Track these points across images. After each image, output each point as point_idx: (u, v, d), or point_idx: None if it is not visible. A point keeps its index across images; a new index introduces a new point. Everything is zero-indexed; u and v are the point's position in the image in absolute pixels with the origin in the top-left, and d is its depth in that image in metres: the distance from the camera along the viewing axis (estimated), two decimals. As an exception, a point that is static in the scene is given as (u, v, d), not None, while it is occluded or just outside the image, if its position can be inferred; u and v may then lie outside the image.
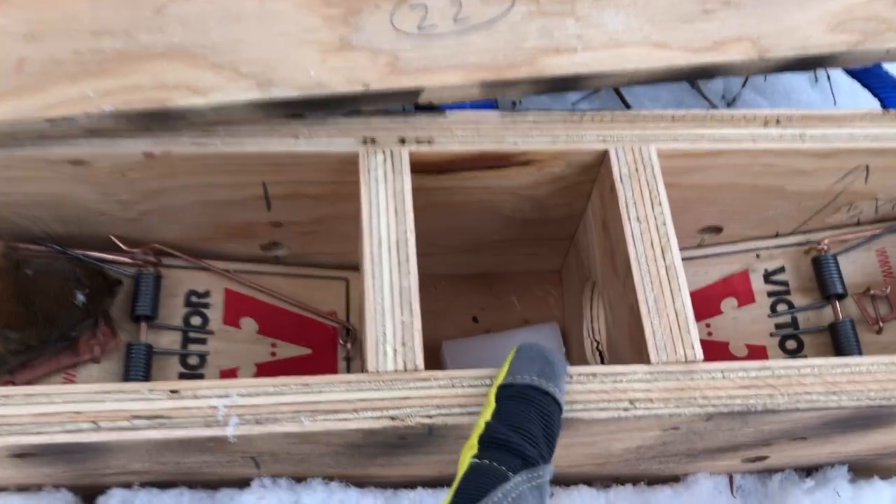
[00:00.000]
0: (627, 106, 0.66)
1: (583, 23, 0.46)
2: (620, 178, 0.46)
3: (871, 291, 0.54)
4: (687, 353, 0.41)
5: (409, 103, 0.46)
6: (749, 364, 0.41)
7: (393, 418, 0.38)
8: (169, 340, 0.52)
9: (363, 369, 0.40)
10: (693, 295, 0.57)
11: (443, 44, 0.45)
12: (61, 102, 0.41)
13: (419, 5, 0.44)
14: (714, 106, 0.67)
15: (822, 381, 0.41)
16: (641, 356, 0.42)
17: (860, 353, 0.52)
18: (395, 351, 0.40)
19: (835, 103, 0.66)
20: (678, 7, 0.47)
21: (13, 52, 0.40)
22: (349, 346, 0.54)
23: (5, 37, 0.41)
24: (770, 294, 0.56)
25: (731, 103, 0.68)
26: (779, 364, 0.41)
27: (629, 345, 0.45)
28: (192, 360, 0.52)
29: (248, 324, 0.54)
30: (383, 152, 0.46)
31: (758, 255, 0.57)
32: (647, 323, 0.42)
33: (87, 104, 0.41)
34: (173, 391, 0.39)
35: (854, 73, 0.53)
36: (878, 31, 0.49)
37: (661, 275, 0.43)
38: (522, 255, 0.58)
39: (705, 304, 0.56)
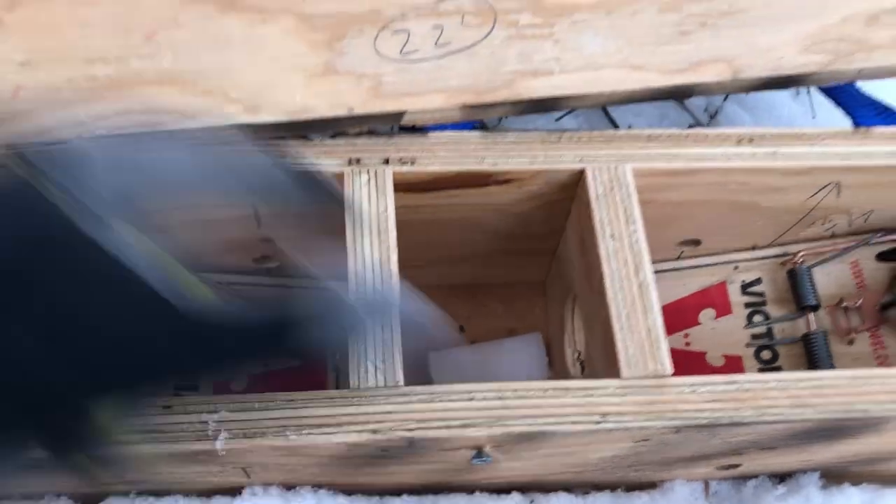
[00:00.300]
0: (611, 120, 0.67)
1: (561, 46, 0.48)
2: (596, 196, 0.48)
3: (844, 303, 0.55)
4: (657, 368, 0.43)
5: (393, 125, 0.48)
6: (716, 378, 0.43)
7: (374, 432, 0.40)
8: (164, 352, 0.54)
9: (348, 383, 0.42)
10: (672, 306, 0.59)
11: (424, 68, 0.46)
12: (56, 127, 0.42)
13: (402, 30, 0.45)
14: (697, 119, 0.69)
15: (788, 395, 0.43)
16: (614, 371, 0.44)
17: (832, 363, 0.54)
18: (375, 367, 0.42)
19: (814, 116, 0.67)
20: (655, 29, 0.49)
21: (10, 80, 0.42)
22: (338, 356, 0.56)
23: (3, 65, 0.42)
24: (747, 305, 0.58)
25: (713, 116, 0.70)
26: (745, 378, 0.43)
27: (603, 358, 0.47)
28: (187, 371, 0.54)
29: (241, 335, 0.56)
30: (367, 172, 0.47)
31: (736, 267, 0.58)
32: (618, 338, 0.44)
33: (80, 128, 0.43)
34: (166, 406, 0.41)
35: (827, 91, 0.54)
36: (850, 52, 0.50)
37: (634, 292, 0.45)
38: (507, 267, 0.60)
39: (684, 314, 0.58)
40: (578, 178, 0.49)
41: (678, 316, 0.58)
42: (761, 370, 0.56)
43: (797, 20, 0.50)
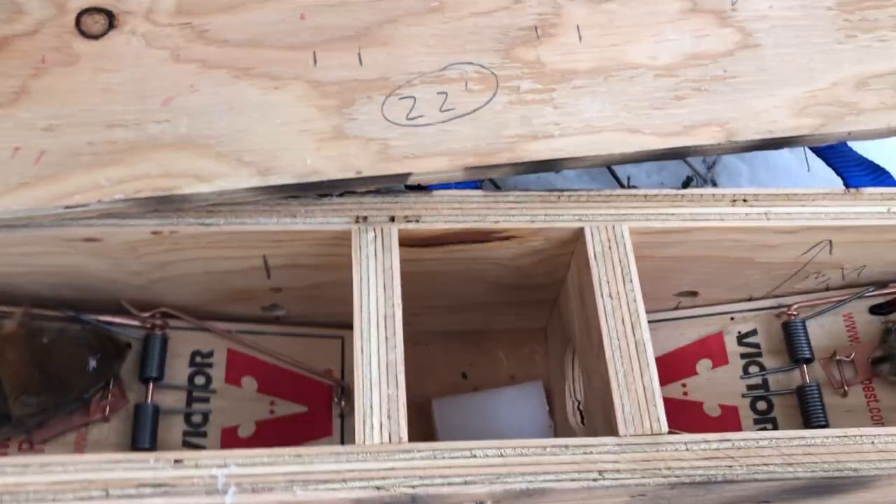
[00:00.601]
0: (611, 170, 0.69)
1: (560, 110, 0.50)
2: (594, 255, 0.49)
3: (837, 356, 0.57)
4: (653, 425, 0.44)
5: (399, 185, 0.50)
6: (710, 436, 0.44)
7: (378, 488, 0.42)
8: (174, 399, 0.56)
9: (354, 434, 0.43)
10: (670, 355, 0.60)
11: (429, 132, 0.48)
12: (76, 191, 0.44)
13: (408, 97, 0.47)
14: (695, 170, 0.71)
15: (780, 454, 0.44)
16: (611, 426, 0.45)
17: (825, 416, 0.55)
18: (381, 424, 0.43)
19: (808, 169, 0.69)
20: (651, 94, 0.51)
21: (34, 146, 0.44)
22: (343, 403, 0.57)
23: (28, 131, 0.44)
24: (743, 356, 0.59)
25: (711, 167, 0.71)
26: (738, 436, 0.44)
27: (601, 413, 0.48)
28: (196, 419, 0.55)
29: (249, 382, 0.57)
30: (374, 230, 0.49)
31: (732, 318, 0.60)
32: (616, 396, 0.45)
33: (100, 192, 0.44)
34: (177, 461, 0.42)
35: (819, 152, 0.56)
36: (840, 115, 0.52)
37: (631, 350, 0.46)
38: (509, 315, 0.62)
39: (682, 364, 0.59)
40: (578, 235, 0.51)
41: (676, 365, 0.60)
42: (757, 421, 0.57)
43: (789, 85, 0.52)
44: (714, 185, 0.70)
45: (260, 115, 0.46)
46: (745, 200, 0.52)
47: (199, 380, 0.56)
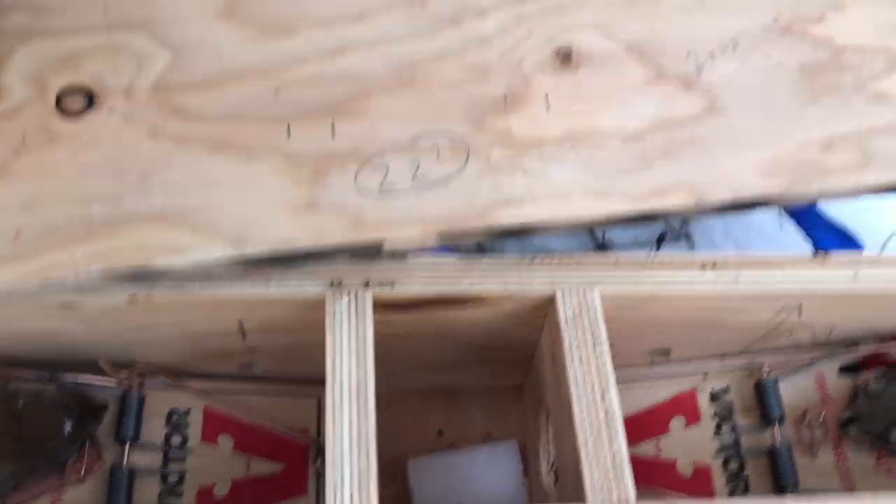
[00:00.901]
0: (591, 230, 0.70)
1: (530, 177, 0.50)
2: (566, 320, 0.50)
3: (808, 417, 0.57)
4: (621, 494, 0.45)
5: (372, 253, 0.51)
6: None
7: (347, 560, 0.42)
8: (150, 458, 0.56)
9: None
10: (644, 413, 0.61)
11: (402, 201, 0.49)
12: (53, 266, 0.45)
13: (381, 165, 0.48)
14: (669, 225, 0.72)
15: (746, 523, 0.44)
16: (580, 494, 0.46)
17: (796, 476, 0.56)
18: (351, 495, 0.43)
19: (780, 226, 0.70)
20: (619, 159, 0.51)
21: (12, 223, 0.44)
22: (319, 462, 0.58)
23: (6, 209, 0.45)
24: (715, 414, 0.60)
25: (685, 222, 0.72)
26: (705, 506, 0.45)
27: (572, 478, 0.48)
28: (172, 478, 0.55)
29: (225, 441, 0.58)
30: (348, 295, 0.50)
31: (705, 376, 0.60)
32: (584, 463, 0.46)
33: (76, 266, 0.45)
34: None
35: (790, 214, 0.57)
36: (807, 176, 0.52)
37: (601, 418, 0.47)
38: (484, 373, 0.62)
39: (655, 422, 0.60)
40: (550, 299, 0.52)
41: (650, 423, 0.60)
42: (729, 481, 0.58)
43: (756, 147, 0.53)
44: (688, 238, 0.71)
45: (234, 187, 0.47)
46: (714, 266, 0.53)
47: (176, 439, 0.57)
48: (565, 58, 0.51)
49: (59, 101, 0.46)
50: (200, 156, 0.46)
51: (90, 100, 0.45)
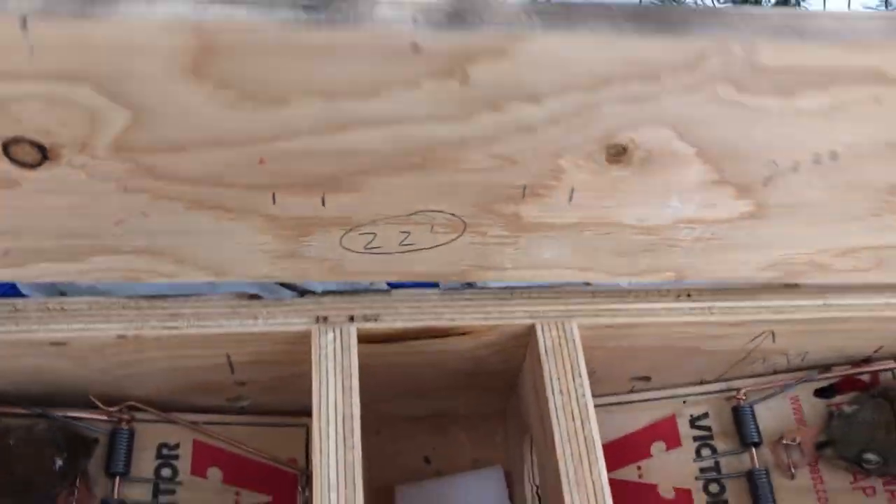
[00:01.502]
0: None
1: (520, 251, 0.48)
2: (545, 351, 0.51)
3: (784, 441, 0.59)
4: (602, 522, 0.46)
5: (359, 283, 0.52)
6: (656, 532, 0.46)
7: (334, 591, 0.43)
8: (141, 492, 0.57)
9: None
10: (626, 439, 0.62)
11: (385, 258, 0.49)
12: (45, 274, 0.46)
13: (368, 233, 0.48)
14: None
15: (722, 548, 0.46)
16: (563, 523, 0.47)
17: (774, 498, 0.57)
18: (337, 521, 0.45)
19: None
20: (619, 246, 0.48)
21: (-2, 246, 0.44)
22: (307, 493, 0.59)
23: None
24: (695, 438, 0.61)
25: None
26: (683, 531, 0.46)
27: (555, 506, 0.50)
28: (162, 511, 0.56)
29: (215, 473, 0.58)
30: (333, 330, 0.51)
31: (684, 401, 0.62)
32: (566, 492, 0.47)
33: (68, 277, 0.46)
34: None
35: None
36: (805, 272, 0.51)
37: (581, 448, 0.48)
38: (469, 400, 0.63)
39: (637, 447, 0.61)
40: (530, 330, 0.53)
41: (631, 448, 0.61)
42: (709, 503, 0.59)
43: (769, 249, 0.49)
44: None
45: (215, 237, 0.45)
46: (689, 295, 0.54)
47: (166, 472, 0.58)
48: (616, 154, 0.41)
49: (7, 152, 0.38)
50: (178, 210, 0.43)
51: (43, 153, 0.38)
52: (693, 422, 0.62)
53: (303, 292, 0.53)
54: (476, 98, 0.37)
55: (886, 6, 0.99)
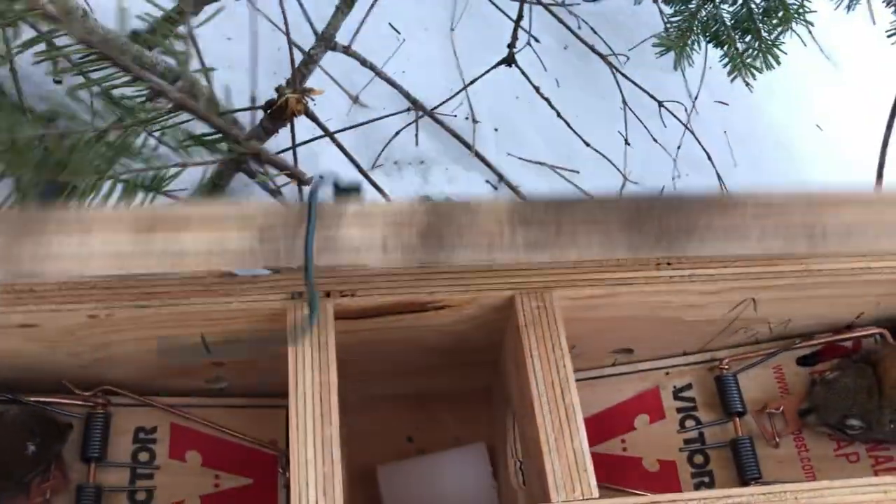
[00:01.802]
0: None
1: None
2: (525, 322, 0.51)
3: (768, 409, 0.59)
4: (584, 490, 0.45)
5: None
6: (640, 500, 0.45)
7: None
8: (118, 477, 0.56)
9: None
10: (609, 412, 0.61)
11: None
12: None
13: None
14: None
15: (707, 513, 0.45)
16: (545, 493, 0.46)
17: (758, 468, 0.57)
18: (316, 501, 0.44)
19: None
20: None
21: None
22: (288, 474, 0.58)
23: None
24: (679, 410, 0.61)
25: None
26: (666, 498, 0.45)
27: (536, 478, 0.49)
28: (140, 496, 0.55)
29: (193, 457, 0.58)
30: (310, 306, 0.50)
31: (667, 373, 0.61)
32: (547, 461, 0.46)
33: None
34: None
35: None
36: None
37: (561, 414, 0.48)
38: (451, 377, 0.63)
39: (620, 420, 0.61)
40: (510, 302, 0.52)
41: (615, 422, 0.61)
42: (694, 475, 0.59)
43: None
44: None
45: None
46: (668, 264, 0.54)
47: (143, 456, 0.57)
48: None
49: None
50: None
51: None
52: (676, 393, 0.61)
53: (277, 269, 0.52)
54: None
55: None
